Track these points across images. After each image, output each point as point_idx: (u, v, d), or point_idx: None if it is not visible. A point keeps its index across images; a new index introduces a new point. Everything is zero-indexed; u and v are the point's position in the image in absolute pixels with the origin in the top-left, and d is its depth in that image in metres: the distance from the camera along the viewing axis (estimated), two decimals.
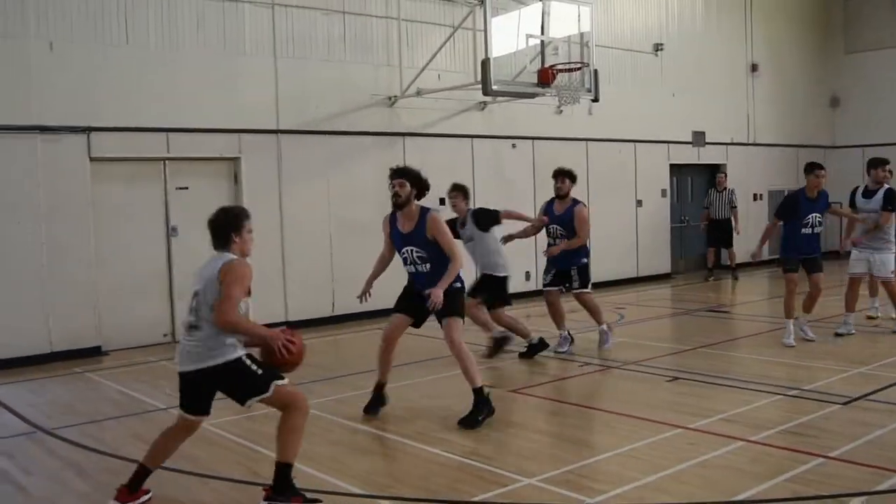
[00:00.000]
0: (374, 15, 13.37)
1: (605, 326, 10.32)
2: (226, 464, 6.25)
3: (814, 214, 10.27)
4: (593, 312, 10.29)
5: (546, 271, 10.40)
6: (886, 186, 10.74)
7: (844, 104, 22.30)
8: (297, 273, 12.56)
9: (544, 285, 10.40)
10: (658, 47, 17.64)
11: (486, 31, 12.36)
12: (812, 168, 10.46)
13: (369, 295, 7.53)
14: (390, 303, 7.52)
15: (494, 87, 12.36)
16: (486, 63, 12.22)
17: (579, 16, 13.70)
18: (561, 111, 14.67)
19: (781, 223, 10.44)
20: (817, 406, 7.31)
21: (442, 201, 13.66)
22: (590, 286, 10.39)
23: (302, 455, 5.38)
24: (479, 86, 12.46)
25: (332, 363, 9.98)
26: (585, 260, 10.23)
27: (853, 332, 10.69)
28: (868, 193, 10.92)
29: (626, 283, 16.83)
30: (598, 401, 7.73)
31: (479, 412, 7.03)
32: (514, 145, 15.09)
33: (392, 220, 7.30)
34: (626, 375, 8.81)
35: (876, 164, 10.94)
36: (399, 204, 7.11)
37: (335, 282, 12.76)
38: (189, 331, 5.14)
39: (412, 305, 7.30)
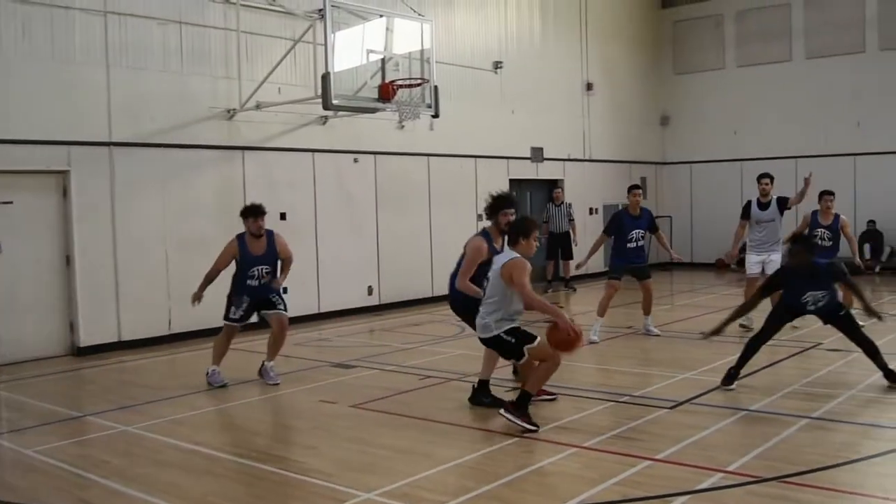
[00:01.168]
0: (212, 26, 13.10)
1: None
2: (50, 492, 5.95)
3: (637, 230, 11.61)
4: None
5: None
6: (776, 195, 12.10)
7: (673, 122, 23.44)
8: (131, 291, 12.11)
9: None
10: (497, 65, 18.05)
11: (326, 45, 12.33)
12: (631, 189, 12.04)
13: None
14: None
15: (335, 102, 12.34)
16: (326, 77, 12.18)
17: (421, 33, 13.88)
18: (402, 126, 14.78)
19: (611, 237, 11.79)
20: (646, 411, 7.62)
21: (283, 216, 13.57)
22: None
23: (133, 478, 5.18)
24: (320, 100, 12.41)
25: (168, 383, 9.67)
26: None
27: (753, 327, 11.36)
28: (762, 205, 12.13)
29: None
30: (438, 413, 7.80)
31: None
32: (356, 160, 15.08)
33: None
34: (465, 387, 8.91)
35: (760, 177, 12.31)
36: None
37: (171, 299, 12.37)
38: None
39: None
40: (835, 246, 11.91)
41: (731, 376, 8.47)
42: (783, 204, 12.06)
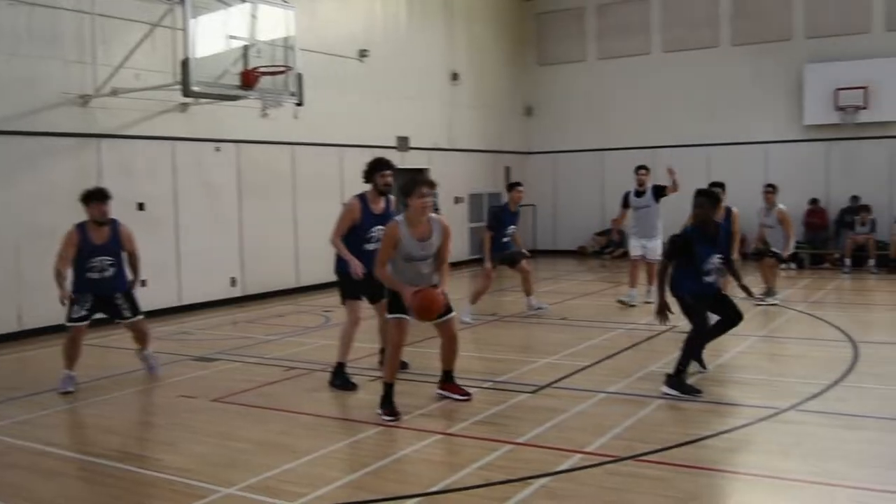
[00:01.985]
0: (63, 7, 12.51)
1: None
2: None
3: (513, 226, 12.51)
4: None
5: None
6: (652, 184, 13.27)
7: (538, 113, 23.85)
8: None
9: None
10: (363, 53, 17.93)
11: (185, 30, 11.99)
12: (514, 186, 12.77)
13: None
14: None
15: (195, 89, 12.02)
16: (186, 63, 11.85)
17: (285, 19, 13.66)
18: (266, 114, 14.50)
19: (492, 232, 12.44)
20: (508, 396, 7.75)
21: (142, 206, 13.14)
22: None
23: None
24: (180, 87, 12.05)
25: (17, 382, 9.22)
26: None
27: (635, 303, 13.00)
28: (639, 193, 13.36)
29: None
30: (302, 404, 7.72)
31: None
32: (217, 148, 14.72)
33: None
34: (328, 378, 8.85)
35: (637, 168, 13.44)
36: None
37: (22, 293, 11.81)
38: None
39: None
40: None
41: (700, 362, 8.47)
42: (660, 192, 13.17)
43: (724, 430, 6.56)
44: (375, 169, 8.43)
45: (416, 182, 7.19)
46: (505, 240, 12.47)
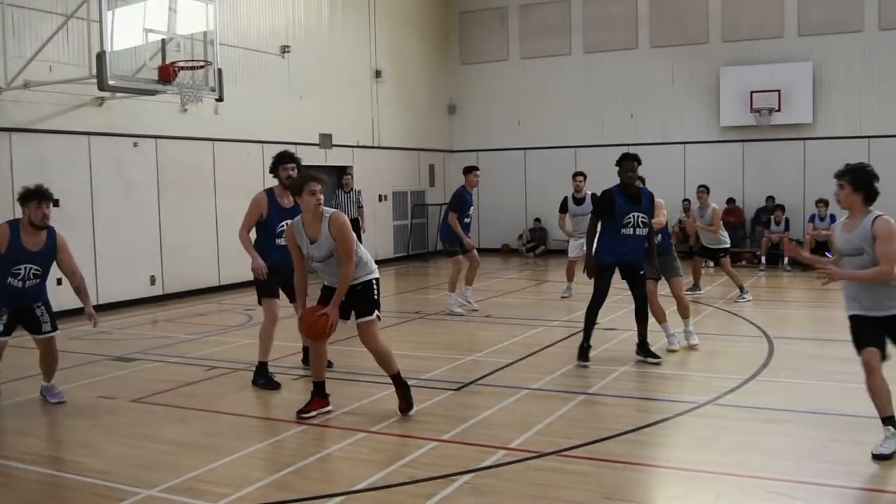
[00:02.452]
0: None
1: None
2: None
3: (472, 207, 12.71)
4: None
5: None
6: (591, 192, 13.39)
7: (460, 111, 23.93)
8: None
9: None
10: (285, 49, 17.76)
11: (101, 22, 11.72)
12: (471, 169, 13.00)
13: None
14: None
15: (111, 83, 11.78)
16: (101, 56, 11.60)
17: (206, 13, 13.46)
18: (185, 110, 14.26)
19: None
20: (433, 393, 7.75)
21: (57, 202, 12.76)
22: None
23: None
24: (95, 80, 11.77)
25: None
26: None
27: (570, 295, 13.81)
28: (577, 200, 13.72)
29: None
30: (224, 404, 7.60)
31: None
32: (135, 144, 14.40)
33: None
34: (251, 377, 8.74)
35: (575, 175, 13.85)
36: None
37: None
38: None
39: None
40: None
41: (585, 350, 8.85)
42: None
43: (645, 424, 6.67)
44: (279, 162, 8.39)
45: (304, 179, 6.80)
46: (467, 220, 12.56)
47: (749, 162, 20.70)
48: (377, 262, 7.49)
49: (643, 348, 8.99)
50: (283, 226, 8.02)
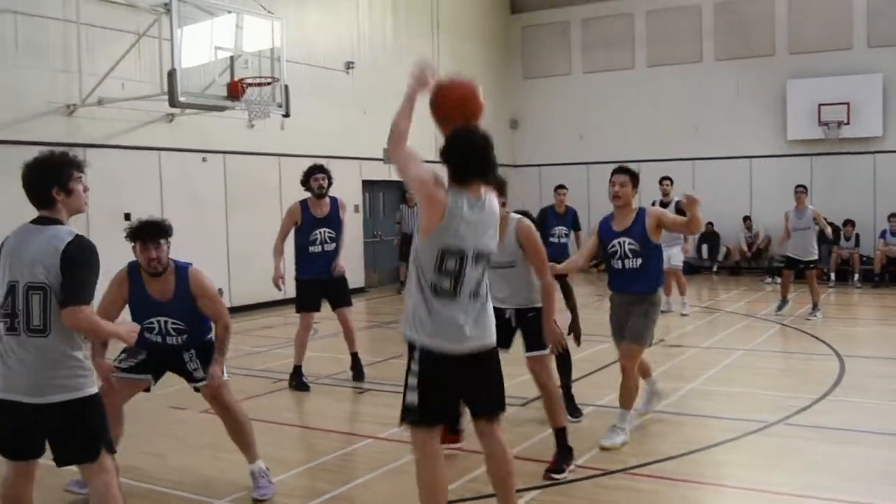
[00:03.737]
0: (50, 17, 12.47)
1: None
2: None
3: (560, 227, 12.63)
4: None
5: None
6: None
7: (523, 126, 23.92)
8: None
9: None
10: (350, 65, 17.96)
11: (172, 40, 11.99)
12: (557, 188, 12.97)
13: None
14: None
15: (182, 99, 12.02)
16: (172, 74, 11.85)
17: (272, 31, 13.69)
18: (252, 125, 14.49)
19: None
20: None
21: (127, 216, 13.08)
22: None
23: None
24: (166, 97, 12.04)
25: None
26: None
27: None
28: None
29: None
30: (291, 416, 7.69)
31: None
32: (204, 159, 14.68)
33: None
34: (320, 389, 8.82)
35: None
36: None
37: None
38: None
39: None
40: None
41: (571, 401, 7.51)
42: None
43: (713, 443, 6.58)
44: (310, 174, 9.14)
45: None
46: (552, 240, 12.29)
47: (817, 176, 20.31)
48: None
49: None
50: (316, 234, 8.79)
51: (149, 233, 5.70)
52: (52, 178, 4.18)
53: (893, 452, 6.29)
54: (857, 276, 18.04)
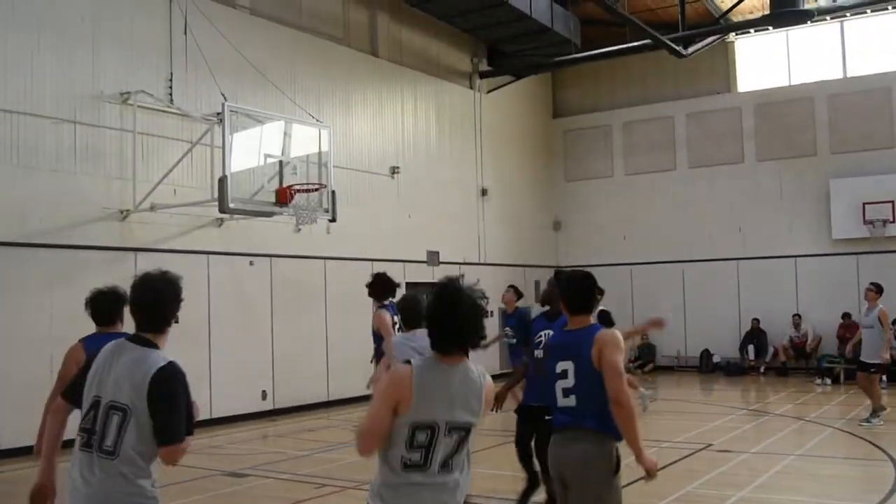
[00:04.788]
0: (107, 126, 12.98)
1: None
2: None
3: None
4: None
5: None
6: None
7: (566, 227, 24.06)
8: (13, 398, 11.58)
9: None
10: (395, 170, 18.33)
11: (224, 148, 12.38)
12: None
13: None
14: None
15: (232, 205, 12.32)
16: (223, 181, 12.19)
17: (319, 137, 14.07)
18: (299, 230, 14.77)
19: None
20: None
21: (177, 319, 13.25)
22: None
23: None
24: (216, 202, 12.36)
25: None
26: None
27: None
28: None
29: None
30: None
31: None
32: (251, 262, 14.95)
33: None
34: (362, 495, 8.76)
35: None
36: None
37: None
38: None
39: None
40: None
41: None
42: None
43: None
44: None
45: None
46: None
47: (864, 274, 20.04)
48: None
49: None
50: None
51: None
52: (176, 303, 4.09)
53: None
54: None
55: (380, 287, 8.94)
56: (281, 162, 13.55)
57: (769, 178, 21.28)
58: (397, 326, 8.02)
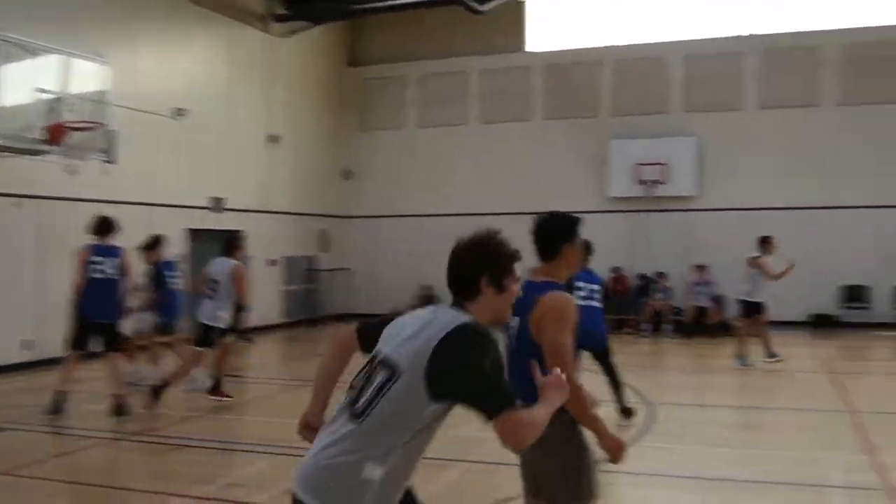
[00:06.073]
0: None
1: None
2: None
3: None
4: None
5: None
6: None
7: (357, 178, 23.98)
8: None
9: None
10: (181, 111, 17.54)
11: None
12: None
13: None
14: None
15: None
16: None
17: (100, 74, 13.32)
18: (74, 171, 13.93)
19: None
20: None
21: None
22: None
23: None
24: None
25: None
26: None
27: None
28: None
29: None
30: (100, 476, 7.37)
31: None
32: (17, 204, 13.96)
33: None
34: (132, 447, 8.51)
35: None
36: None
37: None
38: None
39: None
40: None
41: None
42: None
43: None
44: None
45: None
46: None
47: (635, 231, 21.29)
48: (266, 327, 7.43)
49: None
50: None
51: None
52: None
53: (707, 496, 6.62)
54: (669, 327, 19.00)
55: None
56: (56, 98, 12.71)
57: (555, 137, 22.09)
58: None
